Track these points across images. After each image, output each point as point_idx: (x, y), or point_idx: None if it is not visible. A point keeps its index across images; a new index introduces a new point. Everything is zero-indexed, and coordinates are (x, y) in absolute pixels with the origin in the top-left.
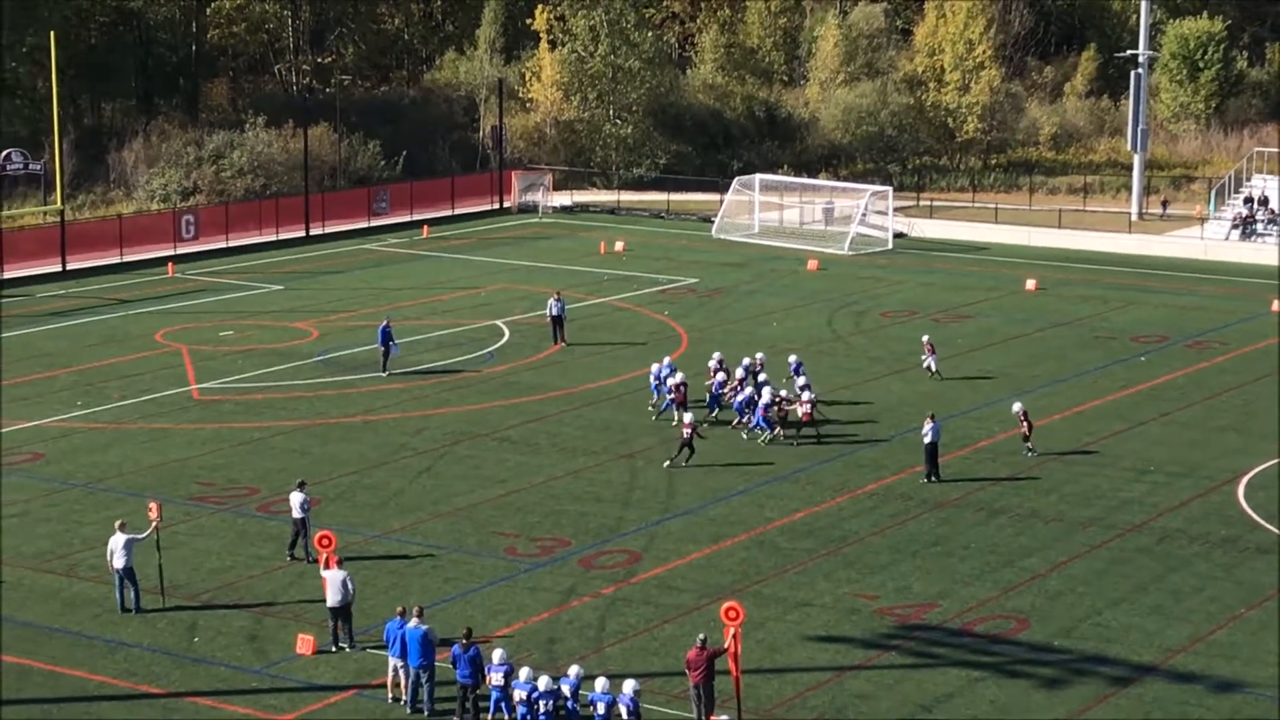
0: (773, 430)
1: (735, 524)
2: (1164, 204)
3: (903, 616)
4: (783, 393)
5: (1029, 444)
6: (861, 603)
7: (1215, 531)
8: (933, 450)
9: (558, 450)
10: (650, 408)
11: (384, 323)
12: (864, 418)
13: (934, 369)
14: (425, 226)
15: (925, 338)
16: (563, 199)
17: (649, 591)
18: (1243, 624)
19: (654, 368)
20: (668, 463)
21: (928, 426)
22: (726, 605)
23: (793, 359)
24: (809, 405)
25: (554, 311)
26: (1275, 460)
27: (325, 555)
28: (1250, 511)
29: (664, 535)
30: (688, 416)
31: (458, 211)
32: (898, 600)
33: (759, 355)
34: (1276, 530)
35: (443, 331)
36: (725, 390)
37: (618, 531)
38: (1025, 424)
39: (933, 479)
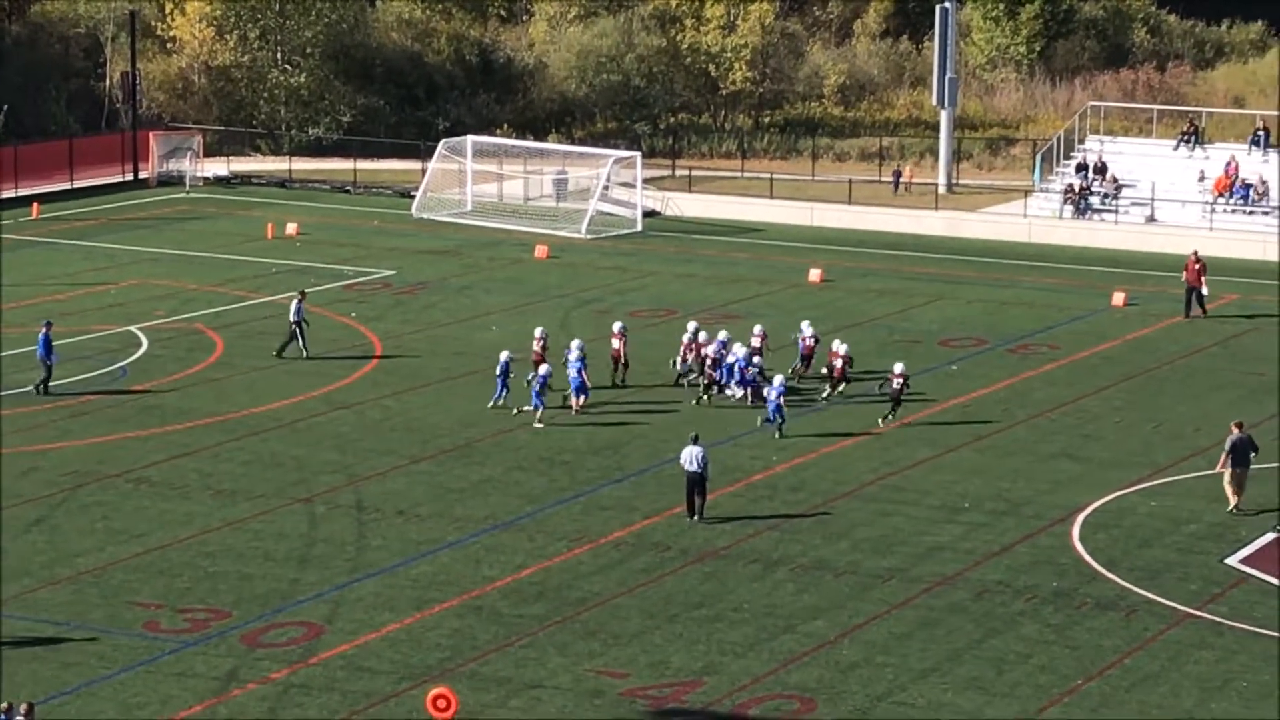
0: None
1: (444, 585)
2: (896, 174)
3: (658, 699)
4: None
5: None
6: (606, 682)
7: (1045, 584)
8: (697, 483)
9: (212, 494)
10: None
11: (43, 329)
12: (607, 444)
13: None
14: (35, 204)
15: (801, 325)
16: (217, 168)
17: (334, 675)
18: (1081, 698)
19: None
20: (883, 420)
21: (689, 452)
22: (435, 692)
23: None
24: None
25: (295, 316)
26: (1118, 493)
27: None
28: (1088, 557)
29: (352, 602)
30: (898, 366)
31: (78, 184)
32: (652, 678)
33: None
34: (1119, 580)
35: (60, 341)
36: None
37: (292, 599)
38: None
39: (696, 521)
